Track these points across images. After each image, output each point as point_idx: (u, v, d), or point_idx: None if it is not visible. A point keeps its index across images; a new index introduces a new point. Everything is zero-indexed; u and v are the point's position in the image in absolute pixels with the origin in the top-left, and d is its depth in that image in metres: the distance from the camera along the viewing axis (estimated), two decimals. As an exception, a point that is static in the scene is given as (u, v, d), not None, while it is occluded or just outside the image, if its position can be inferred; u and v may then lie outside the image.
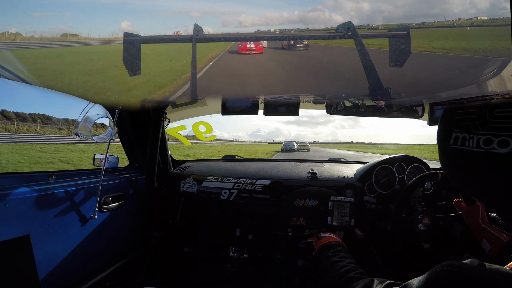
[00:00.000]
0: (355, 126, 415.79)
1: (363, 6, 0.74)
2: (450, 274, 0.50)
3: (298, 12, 0.74)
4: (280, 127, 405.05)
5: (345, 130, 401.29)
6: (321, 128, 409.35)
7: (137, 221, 2.07)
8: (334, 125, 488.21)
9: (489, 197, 0.60)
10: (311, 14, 0.73)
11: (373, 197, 2.02)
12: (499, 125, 0.55)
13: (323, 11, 0.74)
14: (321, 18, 0.73)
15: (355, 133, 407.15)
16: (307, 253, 1.49)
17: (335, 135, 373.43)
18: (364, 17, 0.74)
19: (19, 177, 1.33)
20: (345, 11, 0.74)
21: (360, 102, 1.61)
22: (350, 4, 0.75)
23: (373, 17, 0.74)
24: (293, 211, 1.97)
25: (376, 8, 0.75)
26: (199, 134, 2.12)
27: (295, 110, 1.72)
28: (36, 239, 1.25)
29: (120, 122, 1.94)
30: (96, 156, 1.86)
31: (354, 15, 0.74)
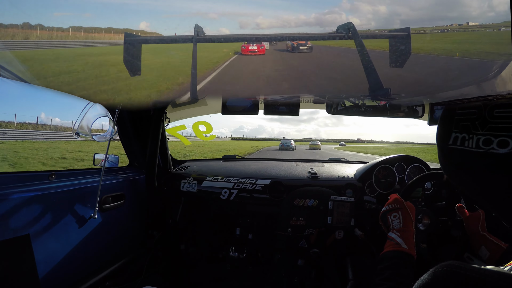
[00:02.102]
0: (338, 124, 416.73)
1: (379, 9, 0.74)
2: (450, 275, 0.50)
3: (314, 15, 0.74)
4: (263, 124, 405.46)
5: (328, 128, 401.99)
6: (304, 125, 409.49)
7: (137, 221, 2.07)
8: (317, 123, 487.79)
9: (489, 197, 0.60)
10: (327, 17, 0.73)
11: (373, 197, 2.02)
12: (498, 125, 0.55)
13: (340, 13, 0.73)
14: (338, 20, 0.73)
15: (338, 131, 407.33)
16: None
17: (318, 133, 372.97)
18: (381, 20, 0.73)
19: (19, 176, 1.33)
20: (362, 13, 0.74)
21: (360, 102, 1.61)
22: (367, 7, 0.74)
23: (390, 20, 0.73)
24: (293, 211, 1.97)
25: (393, 11, 0.74)
26: (199, 134, 2.12)
27: (295, 110, 1.72)
28: (36, 238, 1.25)
29: (120, 122, 1.94)
30: (96, 156, 1.86)
31: (371, 17, 0.74)
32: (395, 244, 1.04)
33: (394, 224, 1.12)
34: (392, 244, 1.05)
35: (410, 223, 1.11)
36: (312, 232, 1.93)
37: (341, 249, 1.92)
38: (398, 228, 1.09)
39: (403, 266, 0.96)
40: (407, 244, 1.03)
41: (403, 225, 1.10)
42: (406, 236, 1.05)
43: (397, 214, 1.14)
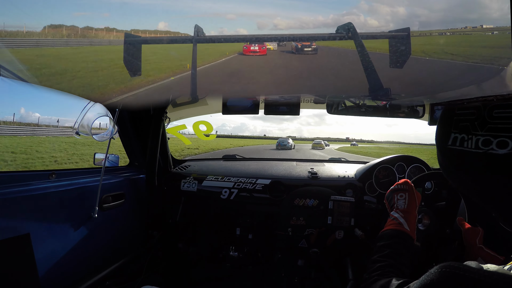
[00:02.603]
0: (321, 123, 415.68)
1: (398, 11, 0.73)
2: (448, 275, 0.50)
3: (333, 16, 0.73)
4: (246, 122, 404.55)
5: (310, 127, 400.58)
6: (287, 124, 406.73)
7: (137, 220, 2.07)
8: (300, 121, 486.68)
9: (488, 198, 0.60)
10: (346, 18, 0.73)
11: (373, 197, 2.02)
12: (498, 125, 0.55)
13: (358, 15, 0.73)
14: (356, 22, 0.73)
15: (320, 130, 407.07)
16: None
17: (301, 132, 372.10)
18: (400, 22, 0.72)
19: (20, 176, 1.33)
20: (381, 15, 0.73)
21: (360, 102, 1.61)
22: (385, 8, 0.74)
23: (409, 21, 0.72)
24: (293, 211, 1.97)
25: (412, 13, 0.74)
26: (200, 134, 2.12)
27: (295, 109, 1.72)
28: (36, 237, 1.25)
29: (120, 121, 1.94)
30: (96, 155, 1.86)
31: (389, 19, 0.73)
32: (397, 223, 1.02)
33: (399, 204, 1.11)
34: (394, 223, 1.03)
35: (414, 208, 1.10)
36: (312, 232, 1.93)
37: (341, 249, 1.92)
38: (402, 209, 1.08)
39: (403, 246, 0.95)
40: (409, 226, 1.01)
41: (407, 207, 1.09)
42: (408, 218, 1.04)
43: (404, 195, 1.13)
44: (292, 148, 28.52)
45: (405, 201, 1.11)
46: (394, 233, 0.99)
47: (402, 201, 1.11)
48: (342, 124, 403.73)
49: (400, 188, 1.16)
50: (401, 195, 1.13)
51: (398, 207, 1.10)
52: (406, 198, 1.11)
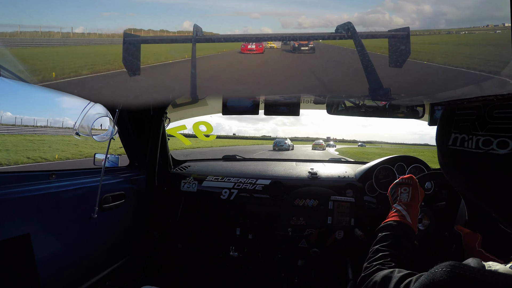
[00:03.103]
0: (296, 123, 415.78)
1: (424, 8, 0.72)
2: (450, 275, 0.50)
3: (357, 14, 0.72)
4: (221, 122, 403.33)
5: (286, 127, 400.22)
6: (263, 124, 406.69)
7: (137, 220, 2.07)
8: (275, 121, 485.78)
9: (488, 198, 0.60)
10: (370, 16, 0.72)
11: (373, 197, 2.02)
12: (498, 126, 0.54)
13: (383, 13, 0.72)
14: (381, 20, 0.72)
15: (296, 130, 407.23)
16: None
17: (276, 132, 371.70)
18: (426, 20, 0.71)
19: (20, 176, 1.33)
20: (406, 13, 0.72)
21: (360, 102, 1.61)
22: (411, 6, 0.73)
23: (435, 19, 0.71)
24: (293, 211, 1.97)
25: (437, 10, 0.72)
26: (200, 134, 2.12)
27: (295, 110, 1.72)
28: (36, 238, 1.25)
29: (120, 122, 1.94)
30: (96, 156, 1.86)
31: (415, 17, 0.72)
32: (400, 215, 1.02)
33: (402, 197, 1.11)
34: (397, 215, 1.03)
35: (417, 202, 1.09)
36: (312, 232, 1.93)
37: (341, 249, 1.92)
38: (405, 202, 1.08)
39: (405, 238, 0.94)
40: (411, 218, 1.01)
41: (410, 201, 1.08)
42: (411, 211, 1.04)
43: (408, 189, 1.12)
44: (290, 149, 27.07)
45: (409, 194, 1.10)
46: (396, 224, 0.98)
47: (405, 194, 1.11)
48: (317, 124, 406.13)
49: (405, 182, 1.16)
50: (404, 188, 1.13)
51: (401, 200, 1.10)
52: (410, 192, 1.11)
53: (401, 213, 1.03)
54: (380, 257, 0.85)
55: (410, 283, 0.61)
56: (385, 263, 0.82)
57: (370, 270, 0.82)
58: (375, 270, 0.80)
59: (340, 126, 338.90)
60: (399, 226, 0.98)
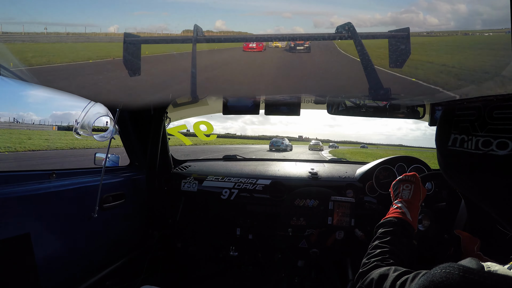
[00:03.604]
0: (265, 122, 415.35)
1: (459, 8, 0.71)
2: (448, 276, 0.49)
3: (390, 14, 0.72)
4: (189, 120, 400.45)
5: (255, 126, 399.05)
6: (231, 123, 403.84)
7: (138, 220, 2.07)
8: (244, 120, 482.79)
9: (488, 199, 0.60)
10: (404, 16, 0.71)
11: (373, 197, 2.01)
12: (498, 126, 0.54)
13: (417, 12, 0.71)
14: (415, 20, 0.71)
15: (264, 129, 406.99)
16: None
17: (245, 131, 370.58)
18: (461, 20, 0.70)
19: (20, 176, 1.33)
20: (441, 13, 0.72)
21: (361, 102, 1.61)
22: (446, 5, 0.72)
23: (471, 20, 0.70)
24: (293, 211, 1.97)
25: (473, 10, 0.72)
26: (200, 134, 2.12)
27: (296, 110, 1.72)
28: (36, 237, 1.25)
29: (121, 121, 1.94)
30: (97, 155, 1.86)
31: (450, 17, 0.71)
32: (400, 212, 1.02)
33: (404, 194, 1.10)
34: (397, 211, 1.03)
35: (418, 200, 1.09)
36: (313, 232, 1.93)
37: (341, 250, 1.92)
38: (406, 199, 1.08)
39: (404, 235, 0.94)
40: (411, 216, 1.01)
41: (412, 198, 1.08)
42: (411, 208, 1.03)
43: (410, 186, 1.12)
44: (289, 150, 24.92)
45: (410, 192, 1.10)
46: (396, 221, 0.98)
47: (407, 191, 1.11)
48: (286, 124, 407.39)
49: (407, 179, 1.16)
50: (407, 185, 1.13)
51: (403, 197, 1.10)
52: (412, 189, 1.11)
53: (402, 210, 1.02)
54: (378, 254, 0.85)
55: (407, 281, 0.61)
56: (384, 260, 0.82)
57: (368, 267, 0.82)
58: (373, 266, 0.80)
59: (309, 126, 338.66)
60: (399, 222, 0.97)
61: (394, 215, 1.01)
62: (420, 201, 1.11)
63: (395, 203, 1.09)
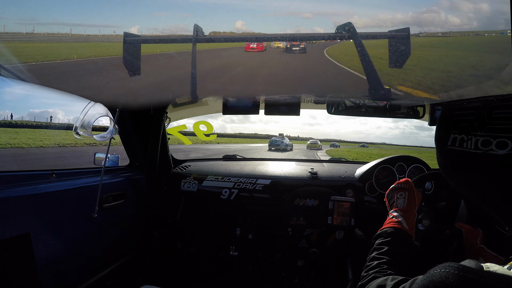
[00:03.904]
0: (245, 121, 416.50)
1: (482, 7, 0.70)
2: (447, 276, 0.50)
3: (412, 14, 0.71)
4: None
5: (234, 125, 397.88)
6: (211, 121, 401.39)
7: (137, 220, 2.07)
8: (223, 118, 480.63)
9: (488, 198, 0.60)
10: (425, 16, 0.71)
11: (373, 197, 2.02)
12: (497, 126, 0.54)
13: (439, 12, 0.71)
14: (436, 20, 0.70)
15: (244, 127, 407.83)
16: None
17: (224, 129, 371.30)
18: (484, 20, 0.69)
19: (20, 176, 1.33)
20: (463, 12, 0.71)
21: (361, 102, 1.61)
22: (468, 5, 0.71)
23: (494, 19, 0.69)
24: (293, 211, 1.97)
25: (496, 9, 0.70)
26: (200, 134, 2.12)
27: (296, 109, 1.72)
28: (36, 237, 1.25)
29: (121, 121, 1.94)
30: (96, 155, 1.86)
31: (472, 17, 0.70)
32: (396, 221, 1.02)
33: (398, 203, 1.11)
34: (393, 221, 1.03)
35: (414, 207, 1.09)
36: (312, 232, 1.94)
37: (341, 249, 1.92)
38: (401, 207, 1.08)
39: (401, 244, 0.94)
40: (408, 224, 1.01)
41: (407, 206, 1.08)
42: (407, 216, 1.04)
43: (404, 193, 1.12)
44: (289, 149, 24.11)
45: (405, 200, 1.10)
46: (393, 231, 0.98)
47: (401, 200, 1.11)
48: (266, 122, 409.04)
49: (400, 187, 1.16)
50: (401, 193, 1.13)
51: (398, 205, 1.10)
52: (406, 197, 1.11)
53: (398, 219, 1.03)
54: (376, 265, 0.86)
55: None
56: (381, 271, 0.82)
57: (366, 279, 0.82)
58: (371, 279, 0.80)
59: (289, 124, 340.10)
60: (395, 232, 0.98)
61: (390, 225, 1.02)
62: (416, 207, 1.11)
63: (390, 212, 1.10)
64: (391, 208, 1.12)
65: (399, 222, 1.01)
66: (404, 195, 1.12)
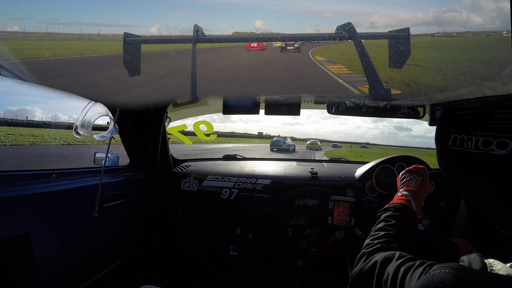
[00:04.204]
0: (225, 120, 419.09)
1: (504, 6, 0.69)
2: (449, 276, 0.50)
3: (432, 13, 0.70)
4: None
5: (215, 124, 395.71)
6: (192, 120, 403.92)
7: (138, 220, 2.07)
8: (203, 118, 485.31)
9: (488, 198, 0.60)
10: (446, 15, 0.70)
11: (373, 197, 2.01)
12: (498, 126, 0.54)
13: (460, 11, 0.70)
14: (458, 19, 0.70)
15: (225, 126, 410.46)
16: None
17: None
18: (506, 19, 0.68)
19: (20, 175, 1.33)
20: (484, 11, 0.70)
21: (361, 102, 1.61)
22: (490, 3, 0.70)
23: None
24: (293, 211, 1.97)
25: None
26: (200, 134, 2.12)
27: (296, 109, 1.72)
28: (36, 237, 1.25)
29: (121, 121, 1.94)
30: (96, 155, 1.86)
31: (494, 16, 0.69)
32: (406, 199, 1.02)
33: (410, 183, 1.11)
34: (403, 198, 1.03)
35: (423, 192, 1.10)
36: (312, 232, 1.94)
37: (341, 249, 1.92)
38: (412, 188, 1.08)
39: (408, 222, 0.95)
40: (416, 205, 1.02)
41: (418, 188, 1.09)
42: (416, 198, 1.04)
43: (418, 177, 1.13)
44: (291, 150, 23.82)
45: (417, 182, 1.11)
46: (402, 207, 0.98)
47: (414, 182, 1.12)
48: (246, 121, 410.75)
49: (416, 170, 1.17)
50: (414, 176, 1.14)
51: (409, 186, 1.10)
52: (419, 180, 1.12)
53: (407, 198, 1.03)
54: (383, 236, 0.85)
55: (411, 268, 0.62)
56: (388, 242, 0.82)
57: (371, 248, 0.82)
58: (377, 248, 0.80)
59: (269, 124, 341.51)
60: (404, 209, 0.98)
61: (399, 201, 1.02)
62: (425, 194, 1.11)
63: (401, 191, 1.10)
64: (402, 187, 1.12)
65: (408, 200, 1.02)
66: (418, 179, 1.12)
